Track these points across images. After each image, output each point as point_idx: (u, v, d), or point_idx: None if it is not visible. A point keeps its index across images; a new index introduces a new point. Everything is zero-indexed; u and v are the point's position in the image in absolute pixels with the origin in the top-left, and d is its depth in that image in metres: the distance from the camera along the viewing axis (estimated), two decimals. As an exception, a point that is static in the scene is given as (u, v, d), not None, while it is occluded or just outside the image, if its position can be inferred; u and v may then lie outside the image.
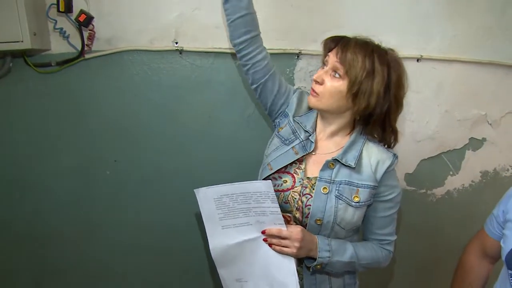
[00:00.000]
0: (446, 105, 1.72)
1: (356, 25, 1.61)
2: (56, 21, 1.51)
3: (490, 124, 1.78)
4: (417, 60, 1.65)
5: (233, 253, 1.19)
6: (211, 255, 1.19)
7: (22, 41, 1.40)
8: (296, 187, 1.22)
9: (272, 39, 1.60)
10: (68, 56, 1.55)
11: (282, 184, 1.23)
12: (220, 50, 1.59)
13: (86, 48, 1.53)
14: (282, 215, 1.15)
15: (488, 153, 1.82)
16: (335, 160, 1.20)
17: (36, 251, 1.74)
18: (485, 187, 1.86)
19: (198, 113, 1.65)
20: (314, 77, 1.19)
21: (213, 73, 1.62)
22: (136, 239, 1.75)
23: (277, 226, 1.16)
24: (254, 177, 1.40)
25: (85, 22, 1.47)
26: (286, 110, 1.33)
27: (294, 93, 1.33)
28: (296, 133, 1.27)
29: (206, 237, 1.18)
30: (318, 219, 1.17)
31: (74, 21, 1.48)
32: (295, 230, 1.15)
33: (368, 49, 1.15)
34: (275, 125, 1.36)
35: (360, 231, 1.32)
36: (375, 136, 1.26)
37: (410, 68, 1.63)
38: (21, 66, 1.55)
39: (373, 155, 1.22)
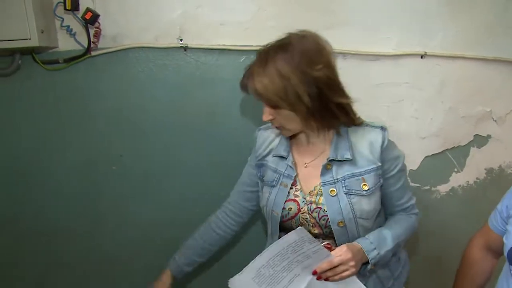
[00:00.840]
0: (450, 102, 1.71)
1: (359, 22, 1.62)
2: (63, 19, 1.54)
3: (495, 121, 1.77)
4: (421, 57, 1.65)
5: None
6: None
7: (30, 39, 1.42)
8: (302, 208, 1.20)
9: (276, 36, 1.61)
10: (74, 53, 1.58)
11: (288, 213, 1.21)
12: (224, 47, 1.60)
13: (92, 46, 1.56)
14: (324, 246, 1.10)
15: (493, 150, 1.81)
16: (331, 160, 1.19)
17: (42, 246, 1.78)
18: (490, 184, 1.85)
19: (202, 109, 1.67)
20: (263, 118, 1.17)
21: (218, 69, 1.64)
22: (141, 233, 1.78)
23: (324, 260, 1.10)
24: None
25: (91, 20, 1.50)
26: (256, 163, 1.33)
27: (254, 147, 1.36)
28: (278, 170, 1.26)
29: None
30: (339, 221, 1.16)
31: (81, 19, 1.51)
32: (343, 252, 1.10)
33: (264, 62, 1.09)
34: (259, 179, 1.34)
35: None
36: (345, 121, 1.19)
37: (414, 65, 1.67)
38: (30, 63, 1.59)
39: (362, 139, 1.20)
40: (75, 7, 1.49)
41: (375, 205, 1.20)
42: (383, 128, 1.21)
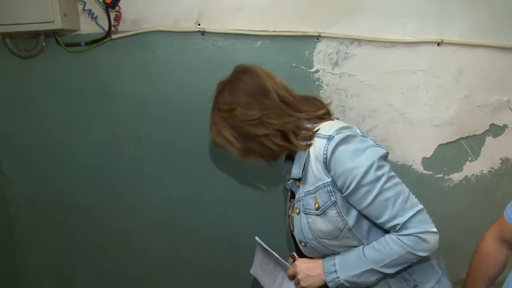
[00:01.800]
0: (466, 90, 1.70)
1: (376, 9, 1.62)
2: (85, 3, 1.59)
3: (513, 111, 1.76)
4: (438, 44, 1.64)
5: None
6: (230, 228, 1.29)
7: (53, 22, 1.47)
8: (291, 225, 1.23)
9: (293, 22, 1.63)
10: (96, 36, 1.62)
11: (290, 222, 1.25)
12: (241, 32, 1.63)
13: (112, 29, 1.60)
14: (291, 255, 1.22)
15: (509, 140, 1.80)
16: (292, 179, 1.15)
17: (65, 221, 1.86)
18: (505, 174, 1.84)
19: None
20: None
21: (234, 54, 1.66)
22: (157, 211, 1.84)
23: (288, 269, 1.19)
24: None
25: (112, 4, 1.54)
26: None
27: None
28: (284, 181, 1.28)
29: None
30: (301, 241, 1.14)
31: (102, 3, 1.56)
32: (295, 265, 1.14)
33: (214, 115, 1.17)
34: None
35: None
36: (299, 142, 1.11)
37: (430, 53, 1.66)
38: (53, 45, 1.64)
39: (312, 154, 1.09)
40: (97, -9, 1.54)
41: (335, 225, 1.07)
42: (329, 138, 1.04)
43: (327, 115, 1.17)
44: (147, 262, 1.92)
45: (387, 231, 1.06)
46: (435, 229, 1.05)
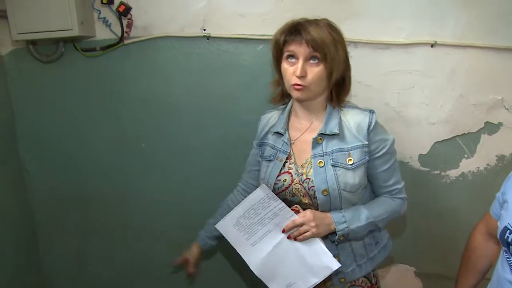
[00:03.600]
0: (460, 89, 1.74)
1: (371, 12, 1.68)
2: (100, 11, 1.72)
3: (507, 109, 1.79)
4: (431, 46, 1.69)
5: (272, 263, 1.28)
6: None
7: (71, 29, 1.61)
8: (295, 179, 1.31)
9: (292, 26, 1.72)
10: (110, 42, 1.75)
11: (283, 183, 1.32)
12: (244, 37, 1.72)
13: (125, 35, 1.73)
14: (291, 208, 1.26)
15: (504, 137, 1.82)
16: (321, 134, 1.29)
17: (80, 213, 1.99)
18: (501, 171, 1.87)
19: (223, 93, 1.80)
20: (297, 72, 1.22)
21: (238, 57, 1.76)
22: (165, 206, 1.95)
23: (290, 219, 1.25)
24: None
25: (124, 12, 1.67)
26: (258, 143, 1.48)
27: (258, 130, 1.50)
28: (275, 146, 1.38)
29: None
30: (324, 189, 1.25)
31: (115, 11, 1.68)
32: (306, 213, 1.24)
33: (322, 24, 1.24)
34: (260, 157, 1.47)
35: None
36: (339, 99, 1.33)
37: (423, 54, 1.72)
38: (71, 50, 1.78)
39: (351, 119, 1.30)
40: (110, 1, 1.67)
41: (360, 180, 1.28)
42: (371, 111, 1.30)
43: None
44: (158, 253, 2.03)
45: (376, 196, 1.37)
46: None
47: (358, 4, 1.68)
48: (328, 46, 1.20)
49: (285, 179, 1.33)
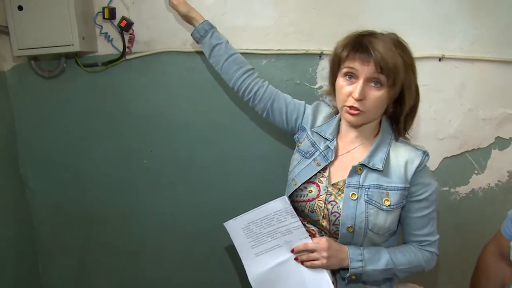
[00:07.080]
0: (469, 104, 1.71)
1: (378, 26, 1.65)
2: (101, 26, 1.71)
3: (518, 124, 1.75)
4: (439, 60, 1.67)
5: (271, 278, 1.22)
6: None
7: (72, 45, 1.60)
8: (321, 195, 1.20)
9: (296, 41, 1.69)
10: (112, 57, 1.74)
11: (307, 194, 1.22)
12: (246, 51, 1.69)
13: (127, 50, 1.72)
14: (307, 230, 1.18)
15: (516, 153, 1.79)
16: (362, 165, 1.17)
17: (83, 229, 1.97)
18: (513, 187, 1.84)
19: (226, 109, 1.78)
20: (355, 94, 1.10)
21: (241, 72, 1.74)
22: (170, 221, 1.92)
23: (303, 240, 1.17)
24: (279, 170, 1.52)
25: (126, 27, 1.66)
26: (302, 124, 1.35)
27: (308, 106, 1.37)
28: (316, 145, 1.27)
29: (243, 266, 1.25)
30: (349, 226, 1.14)
31: (117, 26, 1.67)
32: (321, 241, 1.14)
33: (390, 41, 1.10)
34: (295, 140, 1.39)
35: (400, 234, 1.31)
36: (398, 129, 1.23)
37: (431, 68, 1.68)
38: (73, 66, 1.77)
39: (400, 155, 1.18)
40: (112, 16, 1.65)
41: (390, 224, 1.17)
42: (425, 153, 1.19)
43: None
44: (161, 269, 1.99)
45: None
46: None
47: (363, 18, 1.65)
48: (399, 72, 1.08)
49: (311, 190, 1.22)
